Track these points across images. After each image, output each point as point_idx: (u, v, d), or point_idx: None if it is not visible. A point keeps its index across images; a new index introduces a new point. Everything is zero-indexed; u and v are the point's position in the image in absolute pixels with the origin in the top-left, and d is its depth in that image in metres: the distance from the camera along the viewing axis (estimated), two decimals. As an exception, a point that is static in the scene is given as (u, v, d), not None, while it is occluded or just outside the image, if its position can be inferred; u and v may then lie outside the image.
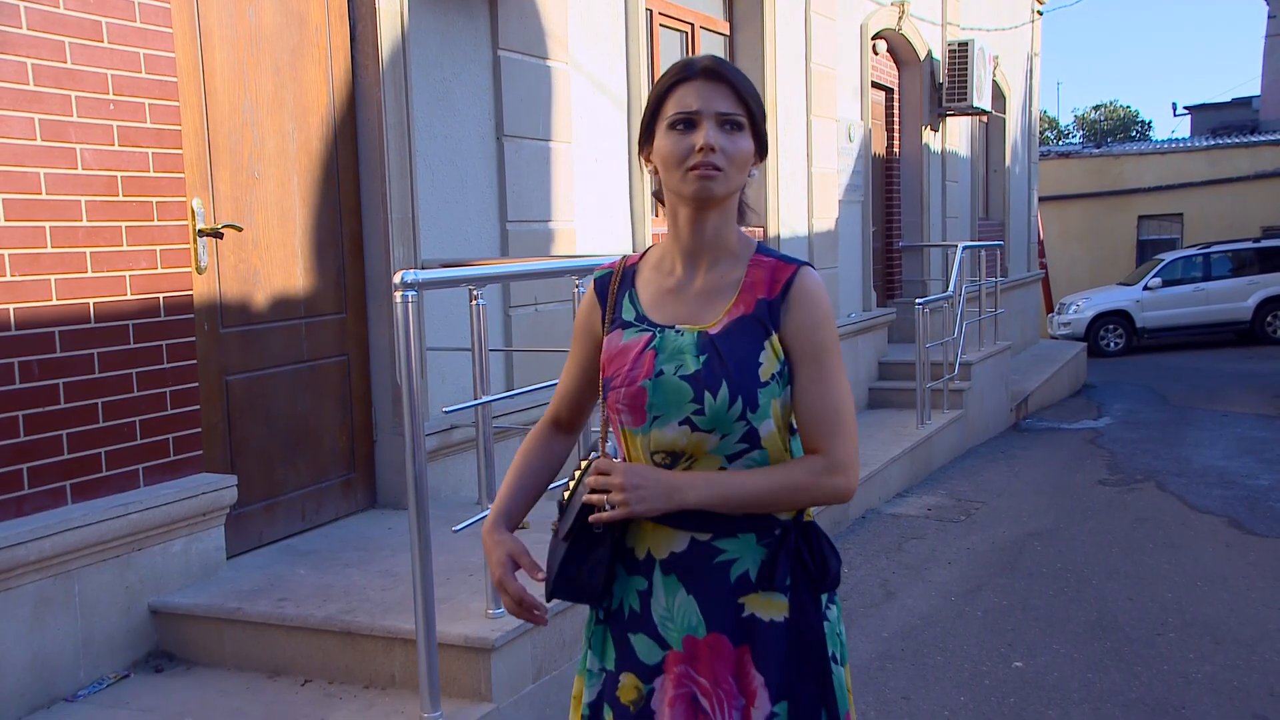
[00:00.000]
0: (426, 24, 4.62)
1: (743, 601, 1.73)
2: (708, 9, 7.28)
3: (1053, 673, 4.17)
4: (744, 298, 1.75)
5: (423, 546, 2.90)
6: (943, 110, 10.97)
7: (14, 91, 3.13)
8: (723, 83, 1.70)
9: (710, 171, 1.67)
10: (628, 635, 1.78)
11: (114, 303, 3.43)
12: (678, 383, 1.70)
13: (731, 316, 1.73)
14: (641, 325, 1.77)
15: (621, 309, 1.82)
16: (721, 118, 1.69)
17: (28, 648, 3.16)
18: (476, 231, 4.94)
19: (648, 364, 1.72)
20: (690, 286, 1.77)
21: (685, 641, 1.74)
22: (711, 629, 1.73)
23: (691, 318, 1.75)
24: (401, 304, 2.85)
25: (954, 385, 8.77)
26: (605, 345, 1.80)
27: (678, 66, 1.74)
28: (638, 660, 1.77)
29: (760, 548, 1.73)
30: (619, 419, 1.76)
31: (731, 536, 1.73)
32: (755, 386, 1.69)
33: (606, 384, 1.77)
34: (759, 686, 1.72)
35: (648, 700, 1.76)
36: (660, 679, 1.75)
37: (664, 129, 1.71)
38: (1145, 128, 44.87)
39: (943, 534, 6.21)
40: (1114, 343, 18.09)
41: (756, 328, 1.72)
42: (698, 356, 1.70)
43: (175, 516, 3.54)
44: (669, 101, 1.71)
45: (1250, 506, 6.73)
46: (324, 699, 3.20)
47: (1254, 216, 22.11)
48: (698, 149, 1.67)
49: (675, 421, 1.70)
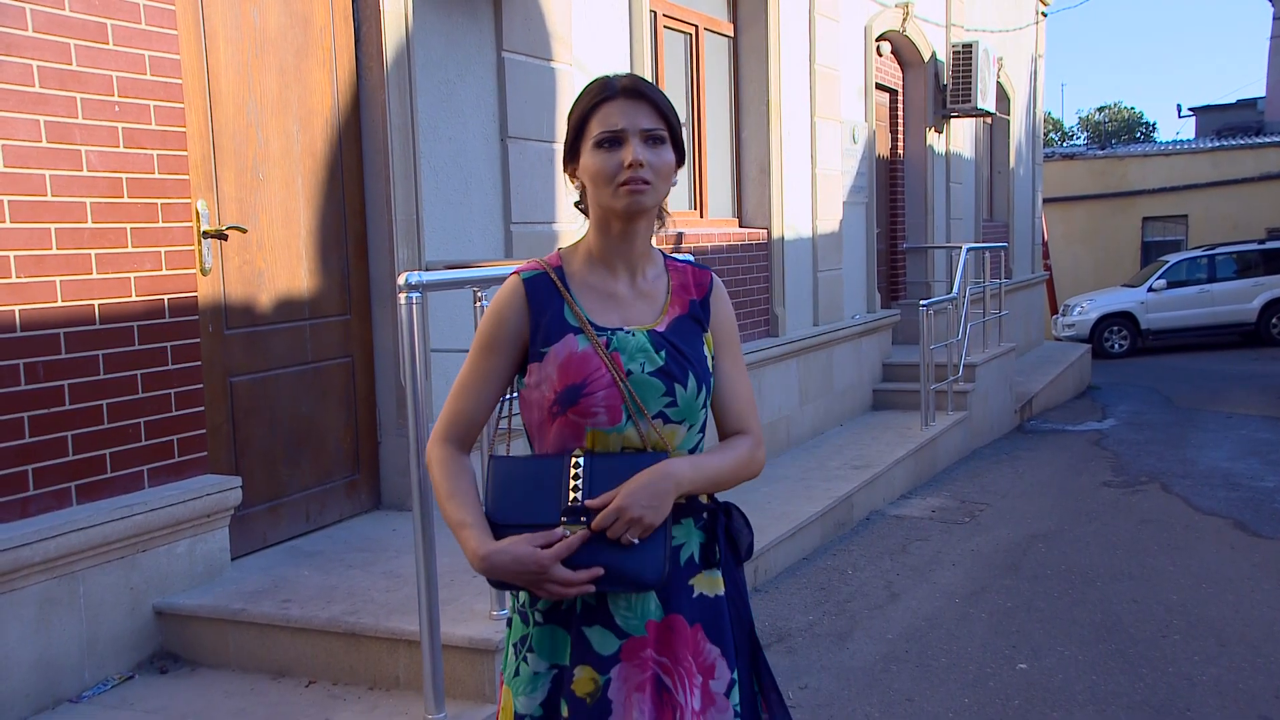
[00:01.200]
0: (431, 26, 4.63)
1: (692, 583, 1.84)
2: (712, 10, 7.28)
3: (1057, 674, 4.16)
4: (677, 299, 1.88)
5: (427, 548, 2.90)
6: (947, 112, 10.96)
7: (19, 93, 3.14)
8: (643, 100, 1.77)
9: (640, 186, 1.76)
10: (581, 629, 1.80)
11: (119, 304, 3.43)
12: (649, 379, 1.78)
13: (670, 316, 1.86)
14: (594, 330, 1.79)
15: (565, 314, 1.81)
16: (645, 134, 1.77)
17: (33, 648, 3.16)
18: (480, 233, 4.95)
19: (618, 365, 1.77)
20: (628, 288, 1.86)
21: (649, 626, 1.80)
22: (668, 611, 1.81)
23: (636, 319, 1.84)
24: (406, 305, 2.85)
25: (958, 387, 8.75)
26: (553, 353, 1.77)
27: (597, 86, 1.80)
28: (593, 652, 1.79)
29: (699, 531, 1.86)
30: (589, 422, 1.75)
31: (677, 524, 1.82)
32: (709, 376, 1.84)
33: (573, 390, 1.75)
34: (716, 658, 1.83)
35: (604, 690, 1.78)
36: (617, 668, 1.78)
37: (590, 147, 1.78)
38: (1150, 129, 44.84)
39: (947, 536, 6.21)
40: (1118, 344, 18.07)
41: (694, 325, 1.87)
42: (658, 352, 1.80)
43: (180, 518, 3.55)
44: (593, 121, 1.78)
45: (1255, 508, 6.71)
46: (328, 700, 3.20)
47: (1259, 218, 22.08)
48: (626, 165, 1.75)
49: (650, 416, 1.77)
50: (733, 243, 7.12)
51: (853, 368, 8.83)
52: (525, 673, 1.83)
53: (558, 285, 1.83)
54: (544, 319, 1.80)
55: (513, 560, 1.71)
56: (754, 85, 7.49)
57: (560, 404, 1.76)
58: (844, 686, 4.06)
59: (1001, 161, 13.89)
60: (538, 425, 1.82)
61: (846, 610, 4.89)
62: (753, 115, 7.52)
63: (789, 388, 7.63)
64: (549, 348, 1.78)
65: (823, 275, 8.35)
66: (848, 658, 4.34)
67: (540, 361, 1.79)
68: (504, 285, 1.86)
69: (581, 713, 1.78)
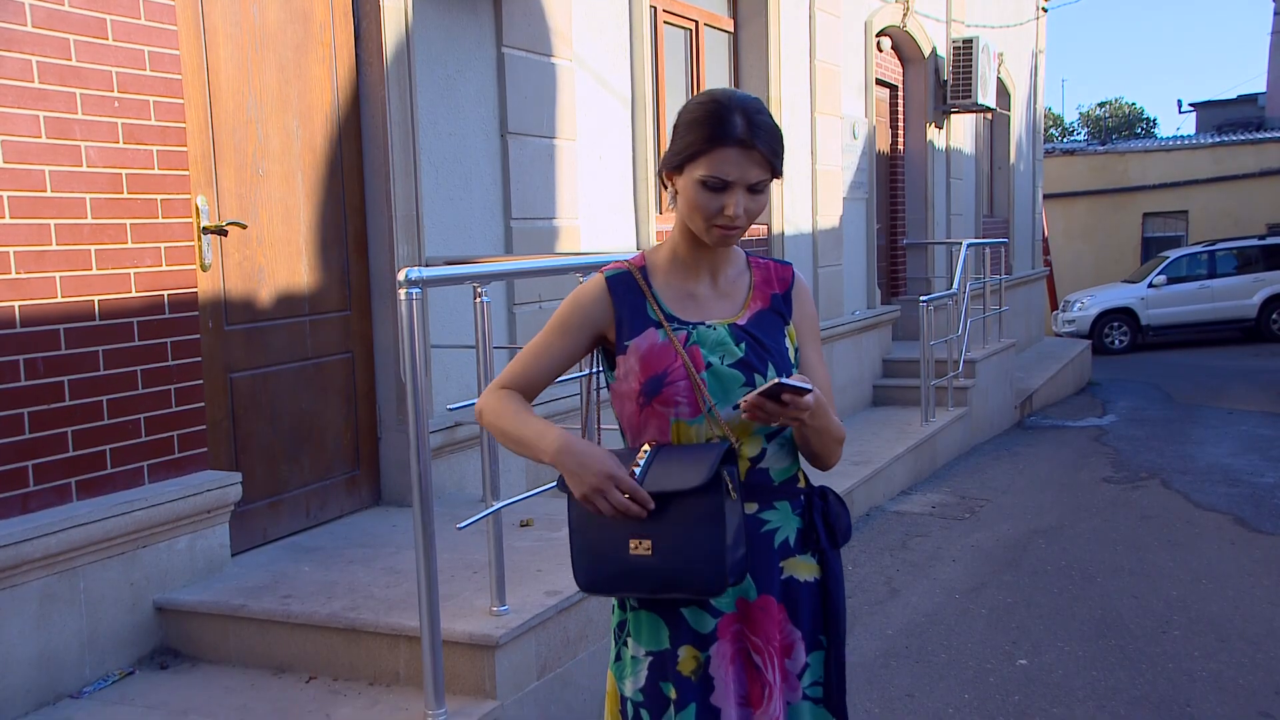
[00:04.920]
0: (431, 21, 4.62)
1: (783, 565, 1.91)
2: (712, 6, 7.27)
3: (1057, 670, 4.16)
4: (758, 294, 1.95)
5: (427, 543, 2.90)
6: (947, 107, 10.95)
7: (19, 89, 3.13)
8: (755, 151, 1.79)
9: (733, 232, 1.84)
10: (679, 610, 1.87)
11: (119, 300, 3.43)
12: (729, 370, 1.84)
13: (752, 310, 1.92)
14: (674, 324, 1.87)
15: (647, 310, 1.89)
16: (751, 186, 1.81)
17: (33, 644, 3.16)
18: (480, 229, 4.94)
19: (696, 358, 1.83)
20: (709, 288, 1.93)
21: (739, 604, 1.88)
22: (761, 591, 1.88)
23: (718, 315, 1.91)
24: (406, 301, 2.85)
25: (958, 383, 8.76)
26: (635, 346, 1.86)
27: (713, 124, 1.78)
28: (692, 631, 1.87)
29: (795, 516, 1.92)
30: (671, 411, 1.83)
31: (771, 508, 1.90)
32: (790, 367, 1.90)
33: (656, 381, 1.83)
34: (796, 640, 1.92)
35: (706, 667, 1.87)
36: (715, 645, 1.86)
37: (695, 179, 1.81)
38: (1150, 125, 44.79)
39: (947, 531, 6.21)
40: (1119, 340, 18.06)
41: (775, 319, 1.93)
42: (738, 345, 1.86)
43: (180, 514, 3.55)
44: (704, 159, 1.79)
45: (1256, 504, 6.72)
46: (329, 696, 3.20)
47: (1259, 213, 22.06)
48: (726, 213, 1.80)
49: (730, 406, 1.82)
50: (733, 238, 7.10)
51: (853, 363, 8.83)
52: (626, 657, 1.93)
53: (640, 282, 1.92)
54: (626, 314, 1.90)
55: (585, 454, 1.76)
56: (754, 81, 7.49)
57: (645, 394, 1.85)
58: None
59: (1002, 157, 13.87)
60: (629, 419, 1.90)
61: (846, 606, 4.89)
62: (753, 111, 7.50)
63: (789, 384, 7.62)
64: (631, 341, 1.87)
65: (823, 271, 8.35)
66: (848, 654, 4.34)
67: (625, 354, 1.87)
68: (589, 279, 1.97)
69: (689, 690, 1.86)
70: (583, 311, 1.92)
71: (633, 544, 1.77)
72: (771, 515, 1.90)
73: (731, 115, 1.78)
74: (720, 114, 1.78)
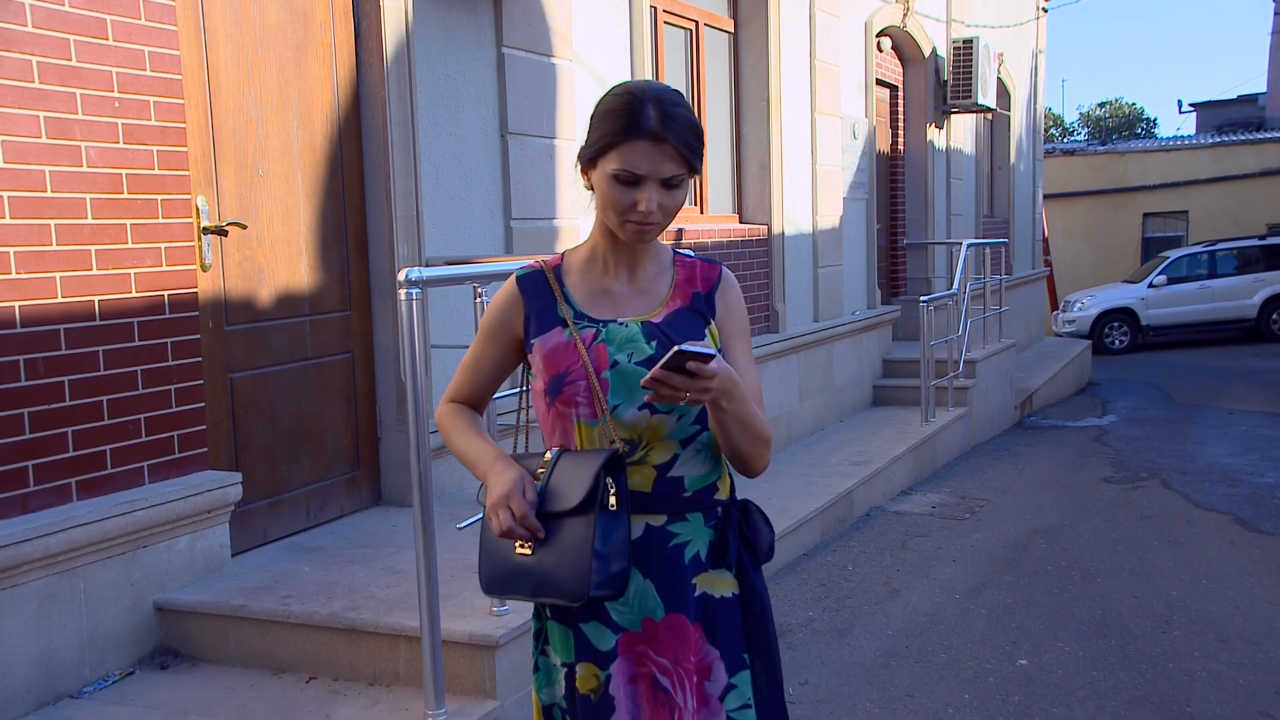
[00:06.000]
0: (431, 21, 4.62)
1: (695, 581, 1.81)
2: (712, 6, 7.27)
3: (1057, 670, 4.16)
4: (679, 292, 1.86)
5: (427, 544, 2.90)
6: (947, 107, 10.95)
7: (19, 89, 3.14)
8: (668, 145, 1.72)
9: (647, 227, 1.77)
10: (579, 625, 1.81)
11: (119, 300, 3.43)
12: (635, 368, 1.76)
13: (670, 308, 1.84)
14: (582, 322, 1.82)
15: (556, 309, 1.85)
16: (665, 180, 1.74)
17: (34, 644, 3.16)
18: (480, 229, 4.95)
19: (601, 356, 1.78)
20: (625, 286, 1.86)
21: (644, 624, 1.79)
22: (670, 610, 1.79)
23: (632, 313, 1.84)
24: (406, 301, 2.85)
25: (958, 383, 8.75)
26: (539, 345, 1.83)
27: (626, 116, 1.72)
28: (593, 648, 1.81)
29: (708, 529, 1.82)
30: (574, 412, 1.79)
31: (682, 520, 1.81)
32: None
33: (558, 380, 1.79)
34: (714, 660, 1.81)
35: (606, 686, 1.80)
36: (615, 663, 1.80)
37: (608, 173, 1.74)
38: (1150, 125, 44.78)
39: (947, 531, 6.21)
40: (1119, 340, 18.06)
41: (695, 317, 1.84)
42: (649, 342, 1.78)
43: (180, 514, 3.55)
44: (615, 152, 1.73)
45: (1256, 504, 6.71)
46: (329, 696, 3.21)
47: (1259, 213, 22.06)
48: (639, 208, 1.74)
49: (634, 407, 1.75)
50: (733, 239, 7.12)
51: (853, 364, 8.83)
52: (544, 665, 1.89)
53: (551, 281, 1.87)
54: (534, 313, 1.86)
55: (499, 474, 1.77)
56: (754, 81, 7.49)
57: (549, 394, 1.81)
58: (844, 682, 4.06)
59: (1002, 157, 13.87)
60: (542, 419, 1.87)
61: (846, 606, 4.90)
62: (753, 111, 7.51)
63: (789, 384, 7.63)
64: (537, 339, 1.84)
65: (823, 271, 8.35)
66: (848, 654, 4.35)
67: (532, 353, 1.85)
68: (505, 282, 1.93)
69: (588, 709, 1.80)
70: (499, 315, 1.90)
71: (518, 545, 1.75)
72: (682, 528, 1.80)
73: (644, 107, 1.71)
74: (633, 106, 1.71)
